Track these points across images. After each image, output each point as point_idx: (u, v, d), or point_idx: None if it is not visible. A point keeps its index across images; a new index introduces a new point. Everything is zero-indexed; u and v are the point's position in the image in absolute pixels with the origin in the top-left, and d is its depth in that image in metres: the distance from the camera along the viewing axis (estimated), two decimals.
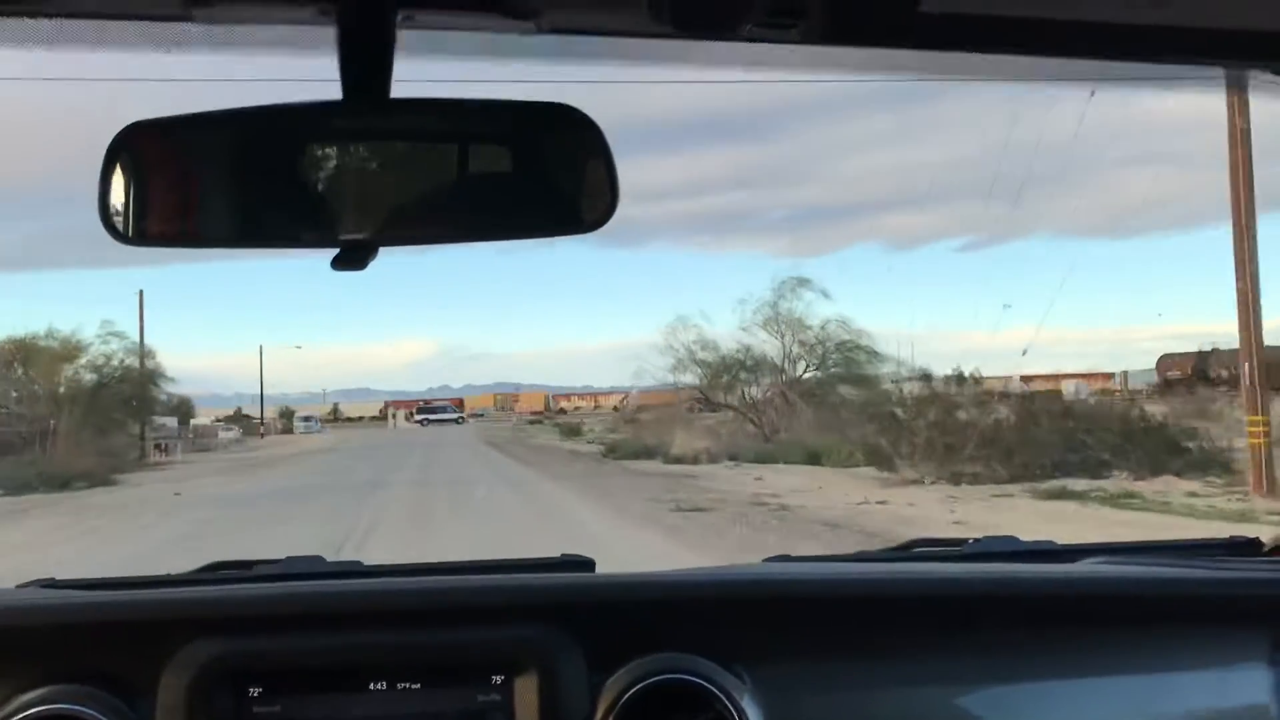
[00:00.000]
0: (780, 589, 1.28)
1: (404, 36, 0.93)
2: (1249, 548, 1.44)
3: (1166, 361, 33.58)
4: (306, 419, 51.02)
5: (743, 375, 26.10)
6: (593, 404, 53.36)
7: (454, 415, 55.81)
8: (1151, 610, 1.27)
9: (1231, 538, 1.45)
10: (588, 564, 1.37)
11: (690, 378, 26.58)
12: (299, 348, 71.36)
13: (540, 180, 0.96)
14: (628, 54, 0.99)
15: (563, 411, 53.03)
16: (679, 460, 20.65)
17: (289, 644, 1.14)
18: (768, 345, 25.82)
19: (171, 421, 33.47)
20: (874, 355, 24.47)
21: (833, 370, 25.22)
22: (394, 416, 58.96)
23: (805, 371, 25.61)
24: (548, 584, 1.28)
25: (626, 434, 27.33)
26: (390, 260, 0.95)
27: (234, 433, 40.20)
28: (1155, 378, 33.18)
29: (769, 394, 25.25)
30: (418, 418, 55.62)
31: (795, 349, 25.69)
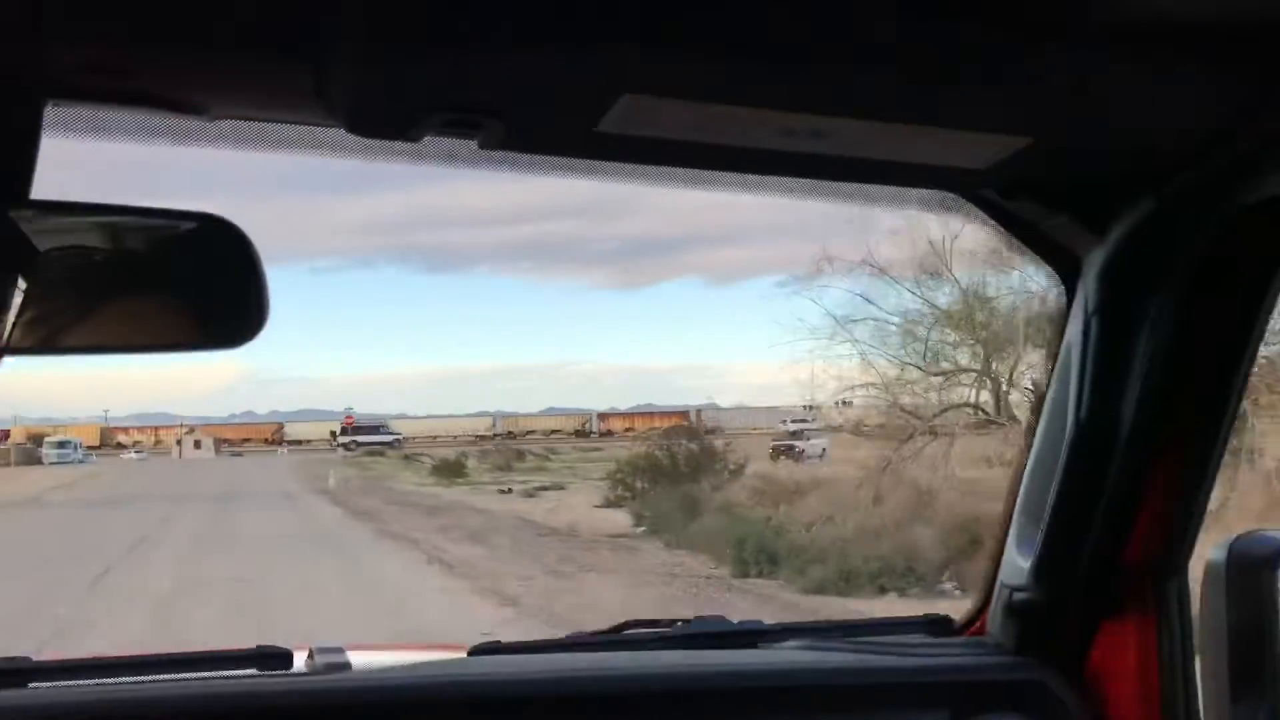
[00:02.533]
0: (482, 689, 1.41)
1: (60, 115, 0.97)
2: (942, 625, 1.73)
3: None
4: (61, 445, 46.64)
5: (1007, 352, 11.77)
6: (431, 435, 50.97)
7: (391, 437, 48.09)
8: (847, 698, 1.54)
9: (926, 615, 1.74)
10: (285, 657, 1.42)
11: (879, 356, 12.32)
12: None
13: (184, 293, 1.03)
14: (301, 143, 1.09)
15: (387, 433, 49.37)
16: None
17: None
18: None
19: None
20: None
21: None
22: (180, 444, 55.29)
23: None
24: (229, 690, 1.35)
25: (801, 497, 13.16)
26: None
27: None
28: None
29: None
30: (343, 440, 48.19)
31: None
